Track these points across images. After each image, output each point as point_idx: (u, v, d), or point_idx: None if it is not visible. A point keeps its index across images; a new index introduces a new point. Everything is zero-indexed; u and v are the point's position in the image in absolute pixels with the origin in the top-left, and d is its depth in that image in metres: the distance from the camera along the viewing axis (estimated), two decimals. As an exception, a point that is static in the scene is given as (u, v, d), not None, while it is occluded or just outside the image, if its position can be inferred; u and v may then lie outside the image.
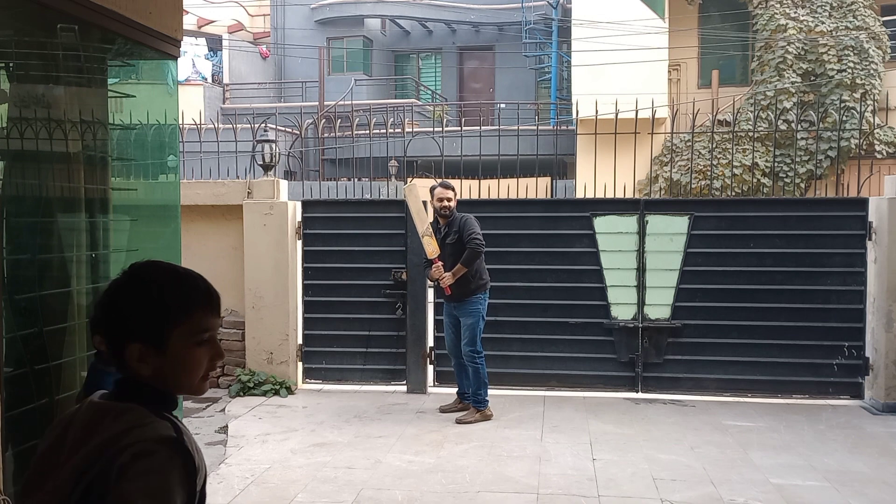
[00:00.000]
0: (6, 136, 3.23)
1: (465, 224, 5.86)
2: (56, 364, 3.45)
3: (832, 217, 6.62)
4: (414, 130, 11.06)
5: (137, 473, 1.24)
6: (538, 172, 7.78)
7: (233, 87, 21.15)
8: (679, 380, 6.74)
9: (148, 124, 4.19)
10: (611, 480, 4.64)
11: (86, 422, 1.35)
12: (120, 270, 1.42)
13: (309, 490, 4.50)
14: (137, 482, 1.23)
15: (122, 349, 1.36)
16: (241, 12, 22.78)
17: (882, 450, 5.27)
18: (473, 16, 21.18)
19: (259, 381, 6.82)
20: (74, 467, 1.30)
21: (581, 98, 11.26)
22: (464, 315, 5.97)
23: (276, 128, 10.80)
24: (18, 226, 3.30)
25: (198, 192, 6.98)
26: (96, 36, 3.68)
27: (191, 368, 1.39)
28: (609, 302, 6.78)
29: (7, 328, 3.01)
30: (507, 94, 20.66)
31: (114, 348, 1.38)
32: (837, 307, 6.55)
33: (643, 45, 14.05)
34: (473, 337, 5.94)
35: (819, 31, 14.50)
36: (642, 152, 8.12)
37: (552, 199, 9.08)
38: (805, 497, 4.38)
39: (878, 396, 6.27)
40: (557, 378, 6.83)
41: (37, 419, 3.33)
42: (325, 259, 7.12)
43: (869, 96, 14.10)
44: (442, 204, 5.90)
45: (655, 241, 6.72)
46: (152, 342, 1.35)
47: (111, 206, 3.89)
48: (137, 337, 1.35)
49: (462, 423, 5.84)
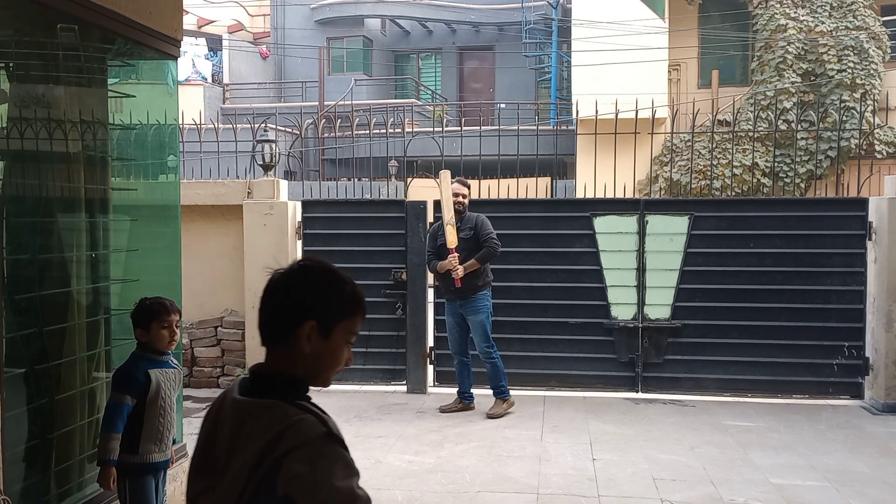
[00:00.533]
0: (6, 136, 3.23)
1: (482, 224, 6.02)
2: (56, 364, 3.45)
3: (832, 217, 6.62)
4: (414, 130, 11.06)
5: (319, 482, 1.34)
6: (538, 172, 7.78)
7: (233, 87, 21.15)
8: (679, 380, 6.74)
9: (148, 124, 4.19)
10: (611, 480, 4.64)
11: (233, 422, 1.44)
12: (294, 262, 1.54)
13: (309, 490, 4.50)
14: (323, 489, 1.34)
15: (295, 326, 1.45)
16: (241, 12, 22.77)
17: (882, 450, 5.26)
18: (473, 16, 21.17)
19: (259, 381, 6.80)
20: (239, 472, 1.38)
21: (581, 98, 11.26)
22: (472, 313, 6.03)
23: (276, 128, 10.80)
24: (18, 226, 3.30)
25: (198, 192, 6.98)
26: (96, 36, 3.68)
27: (337, 361, 1.53)
28: (609, 302, 6.78)
29: (7, 328, 3.01)
30: (507, 94, 20.66)
31: (280, 326, 1.47)
32: (837, 307, 6.55)
33: (643, 45, 14.04)
34: (485, 332, 6.04)
35: (819, 31, 14.49)
36: (642, 152, 8.11)
37: (552, 199, 9.08)
38: (805, 497, 4.38)
39: (878, 396, 6.27)
40: (557, 378, 6.83)
41: (37, 419, 3.33)
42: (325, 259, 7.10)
43: (869, 96, 14.09)
44: (457, 199, 6.04)
45: (655, 241, 6.72)
46: (322, 327, 1.47)
47: (111, 206, 3.89)
48: (314, 317, 1.46)
49: (494, 418, 5.96)
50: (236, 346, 7.07)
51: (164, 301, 3.11)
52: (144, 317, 3.05)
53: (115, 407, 2.97)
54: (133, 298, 3.43)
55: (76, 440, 3.55)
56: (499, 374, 6.07)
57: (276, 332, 1.50)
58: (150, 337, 3.05)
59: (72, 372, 3.53)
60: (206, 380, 7.15)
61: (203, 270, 6.97)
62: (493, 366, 6.05)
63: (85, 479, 3.59)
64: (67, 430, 3.49)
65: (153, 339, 3.05)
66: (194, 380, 7.13)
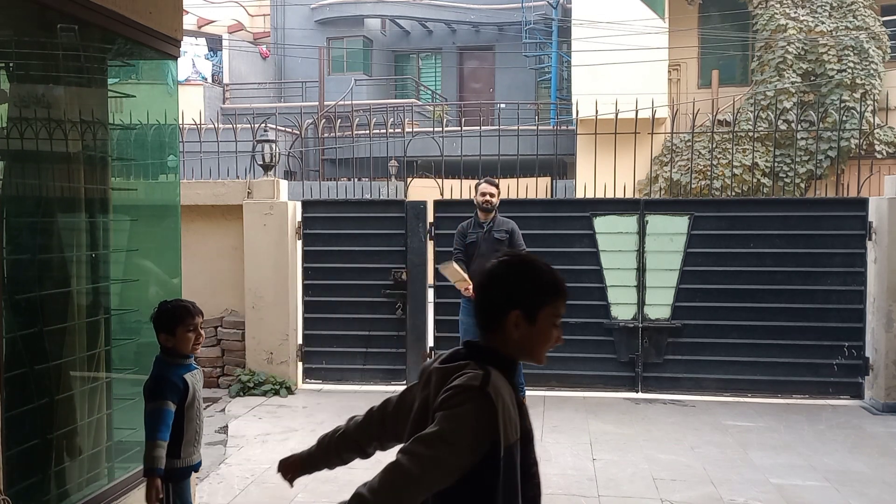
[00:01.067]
0: (6, 136, 3.23)
1: (517, 233, 6.10)
2: (56, 364, 3.45)
3: (832, 217, 6.62)
4: (414, 130, 11.07)
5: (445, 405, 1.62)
6: (538, 172, 7.78)
7: (233, 87, 21.15)
8: (679, 380, 6.74)
9: (148, 124, 4.18)
10: (611, 480, 4.63)
11: (437, 380, 1.73)
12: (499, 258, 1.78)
13: (309, 490, 4.50)
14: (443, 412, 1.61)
15: (503, 315, 1.69)
16: (241, 12, 22.77)
17: (882, 450, 5.27)
18: (473, 16, 21.17)
19: (259, 381, 6.81)
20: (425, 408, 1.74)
21: (581, 98, 11.26)
22: None
23: (276, 128, 10.80)
24: (18, 226, 3.30)
25: (198, 192, 6.98)
26: (96, 36, 3.67)
27: (545, 341, 1.74)
28: (609, 302, 6.78)
29: (7, 328, 3.01)
30: (507, 94, 20.66)
31: (491, 315, 1.72)
32: (837, 307, 6.55)
33: (643, 45, 14.04)
34: None
35: (819, 31, 14.49)
36: (642, 152, 8.11)
37: (552, 199, 9.08)
38: (805, 497, 4.38)
39: (878, 396, 6.27)
40: (557, 378, 6.83)
41: (37, 419, 3.33)
42: (325, 259, 7.11)
43: (869, 96, 14.09)
44: (485, 198, 6.04)
45: (655, 241, 6.72)
46: (527, 314, 1.69)
47: (111, 206, 3.88)
48: (519, 306, 1.69)
49: None
50: (236, 346, 7.07)
51: (187, 304, 3.08)
52: (169, 322, 3.02)
53: (159, 414, 2.92)
54: (133, 298, 3.43)
55: (76, 440, 3.55)
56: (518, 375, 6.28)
57: (487, 321, 1.74)
58: (174, 341, 3.03)
59: (72, 372, 3.53)
60: (205, 380, 7.14)
61: (203, 270, 6.97)
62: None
63: (85, 478, 3.59)
64: (67, 430, 3.49)
65: (178, 344, 3.03)
66: (194, 380, 7.12)
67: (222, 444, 5.47)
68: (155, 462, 2.89)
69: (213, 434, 5.75)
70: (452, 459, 1.59)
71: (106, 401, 3.78)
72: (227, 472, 4.84)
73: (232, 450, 5.29)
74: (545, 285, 1.73)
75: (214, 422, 6.09)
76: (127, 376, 4.09)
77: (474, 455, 1.59)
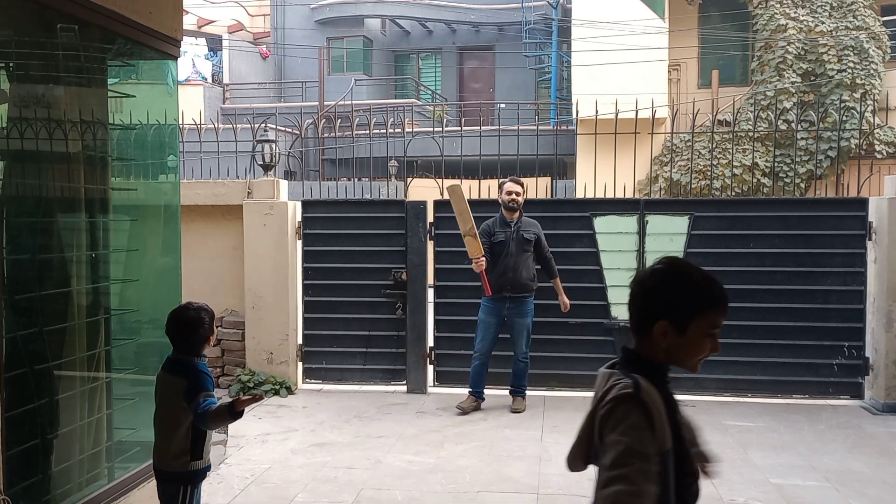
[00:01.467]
0: (6, 136, 3.23)
1: (542, 235, 6.23)
2: (56, 364, 3.45)
3: (832, 217, 6.61)
4: (414, 130, 11.07)
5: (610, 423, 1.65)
6: (538, 172, 7.78)
7: (233, 87, 21.15)
8: (679, 380, 6.69)
9: (148, 124, 4.19)
10: (611, 480, 4.63)
11: (598, 383, 1.80)
12: (654, 261, 1.78)
13: (309, 490, 4.50)
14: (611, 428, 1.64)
15: (651, 324, 1.71)
16: (241, 12, 22.77)
17: (882, 450, 5.27)
18: (473, 16, 21.18)
19: (259, 381, 6.81)
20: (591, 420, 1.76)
21: (581, 98, 11.26)
22: (521, 315, 6.17)
23: (276, 128, 10.80)
24: (18, 226, 3.30)
25: (198, 192, 6.98)
26: (96, 36, 3.67)
27: (696, 352, 1.73)
28: (609, 302, 6.78)
29: (7, 328, 3.01)
30: (507, 94, 20.66)
31: (640, 323, 1.75)
32: (837, 307, 6.54)
33: (643, 45, 14.05)
34: (530, 336, 6.26)
35: (819, 31, 14.49)
36: (642, 152, 8.11)
37: (552, 199, 9.07)
38: (805, 497, 4.38)
39: (878, 396, 6.27)
40: (557, 378, 6.82)
41: (37, 419, 3.33)
42: (325, 259, 7.11)
43: (869, 96, 14.10)
44: (510, 197, 6.09)
45: (655, 241, 6.72)
46: (676, 325, 1.69)
47: (111, 206, 3.89)
48: (667, 316, 1.70)
49: (519, 412, 6.18)
50: (236, 346, 7.07)
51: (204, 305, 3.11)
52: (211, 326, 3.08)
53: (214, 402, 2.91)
54: (133, 298, 3.43)
55: (76, 440, 3.55)
56: (527, 374, 6.34)
57: (638, 328, 1.76)
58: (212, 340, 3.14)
59: (72, 372, 3.53)
60: (206, 380, 7.14)
61: (203, 270, 6.97)
62: (527, 366, 6.29)
63: (85, 478, 3.59)
64: (67, 430, 3.49)
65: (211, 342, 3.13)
66: (194, 380, 7.12)
67: (222, 444, 5.46)
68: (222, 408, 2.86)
69: (212, 434, 5.75)
70: (651, 467, 1.60)
71: (106, 401, 3.78)
72: (227, 472, 4.84)
73: (232, 450, 5.29)
74: (698, 296, 1.71)
75: (214, 422, 6.09)
76: (127, 376, 4.10)
77: (657, 459, 1.61)
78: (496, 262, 6.09)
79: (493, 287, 6.10)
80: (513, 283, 6.09)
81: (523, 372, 6.31)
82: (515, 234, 6.11)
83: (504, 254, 6.10)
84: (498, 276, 6.11)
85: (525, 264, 6.12)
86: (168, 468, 3.00)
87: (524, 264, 6.12)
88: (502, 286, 6.11)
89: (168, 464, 2.99)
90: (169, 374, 3.03)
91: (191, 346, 3.04)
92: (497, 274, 6.11)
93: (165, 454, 2.99)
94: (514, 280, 6.09)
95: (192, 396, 2.91)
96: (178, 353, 3.06)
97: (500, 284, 6.11)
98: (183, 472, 2.98)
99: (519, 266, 6.09)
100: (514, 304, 6.14)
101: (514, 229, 6.12)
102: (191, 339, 3.03)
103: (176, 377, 2.98)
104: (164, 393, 3.03)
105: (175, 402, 2.95)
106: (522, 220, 6.17)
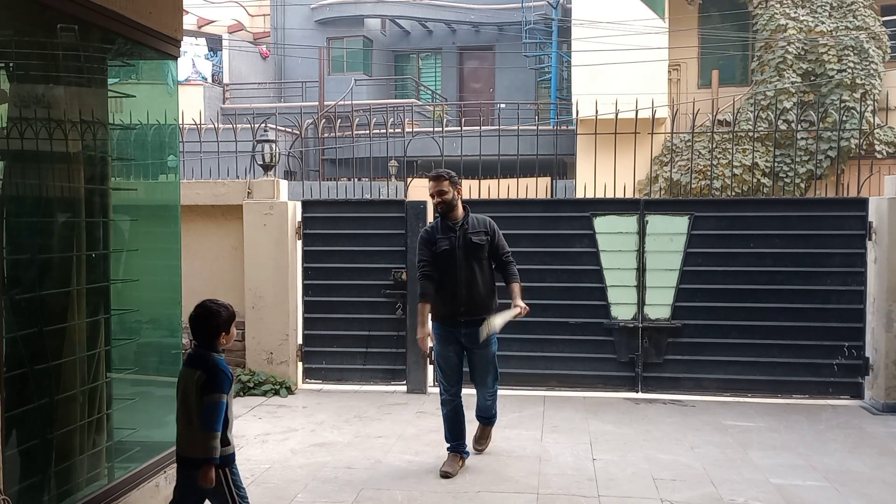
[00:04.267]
0: (6, 136, 3.23)
1: (499, 234, 4.91)
2: (56, 364, 3.45)
3: (832, 217, 6.61)
4: (414, 130, 11.06)
5: None
6: (538, 172, 7.78)
7: (233, 87, 21.15)
8: (679, 380, 6.74)
9: (148, 124, 4.19)
10: (611, 480, 4.63)
11: None
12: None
13: (309, 490, 4.50)
14: None
15: None
16: (241, 12, 22.77)
17: (882, 450, 5.27)
18: (473, 16, 21.17)
19: (259, 381, 6.81)
20: None
21: (581, 98, 11.26)
22: (484, 344, 4.74)
23: (276, 128, 10.80)
24: (18, 226, 3.30)
25: (198, 192, 6.98)
26: (96, 36, 3.68)
27: None
28: (609, 302, 6.78)
29: (7, 328, 3.01)
30: (507, 94, 20.65)
31: None
32: (837, 307, 6.54)
33: (643, 45, 14.04)
34: (497, 368, 4.94)
35: (819, 31, 14.49)
36: (642, 152, 8.12)
37: (552, 199, 9.07)
38: (805, 497, 4.38)
39: (878, 396, 6.27)
40: (557, 378, 6.83)
41: (37, 419, 3.33)
42: (325, 259, 7.11)
43: (869, 96, 14.09)
44: (435, 200, 4.79)
45: (655, 241, 6.72)
46: None
47: (111, 206, 3.88)
48: None
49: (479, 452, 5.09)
50: (236, 346, 7.07)
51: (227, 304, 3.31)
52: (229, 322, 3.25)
53: (217, 407, 3.10)
54: (133, 298, 3.44)
55: (76, 440, 3.55)
56: (495, 405, 5.06)
57: None
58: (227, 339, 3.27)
59: (72, 372, 3.53)
60: (206, 380, 7.14)
61: (203, 270, 6.97)
62: (495, 399, 5.01)
63: (85, 478, 3.59)
64: (67, 430, 3.49)
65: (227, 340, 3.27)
66: (194, 380, 7.12)
67: (222, 444, 5.46)
68: (213, 451, 3.07)
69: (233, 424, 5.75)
70: None
71: (106, 401, 3.78)
72: (227, 472, 4.83)
73: (232, 450, 5.28)
74: None
75: (214, 422, 6.09)
76: (127, 376, 4.10)
77: None
78: (443, 279, 4.74)
79: (443, 312, 4.77)
80: (467, 303, 4.72)
81: (493, 405, 5.02)
82: (462, 238, 4.75)
83: (451, 265, 4.74)
84: (448, 296, 4.74)
85: (480, 276, 4.77)
86: (194, 455, 3.13)
87: (480, 276, 4.77)
88: (454, 310, 4.74)
89: (194, 452, 3.13)
90: (188, 367, 3.21)
91: (205, 337, 3.21)
92: (447, 294, 4.74)
93: (191, 443, 3.14)
94: (468, 299, 4.72)
95: (209, 390, 3.10)
96: (198, 346, 3.24)
97: (452, 308, 4.74)
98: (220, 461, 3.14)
99: (473, 280, 4.74)
100: (470, 330, 4.71)
101: (460, 233, 4.76)
102: (205, 331, 3.21)
103: (196, 369, 3.16)
104: (184, 387, 3.19)
105: (193, 393, 3.12)
106: (469, 219, 4.81)
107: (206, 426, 3.07)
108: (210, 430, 3.07)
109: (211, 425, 3.07)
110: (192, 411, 3.12)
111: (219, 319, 3.22)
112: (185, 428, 3.17)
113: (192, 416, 3.12)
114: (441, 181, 4.75)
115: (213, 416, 3.07)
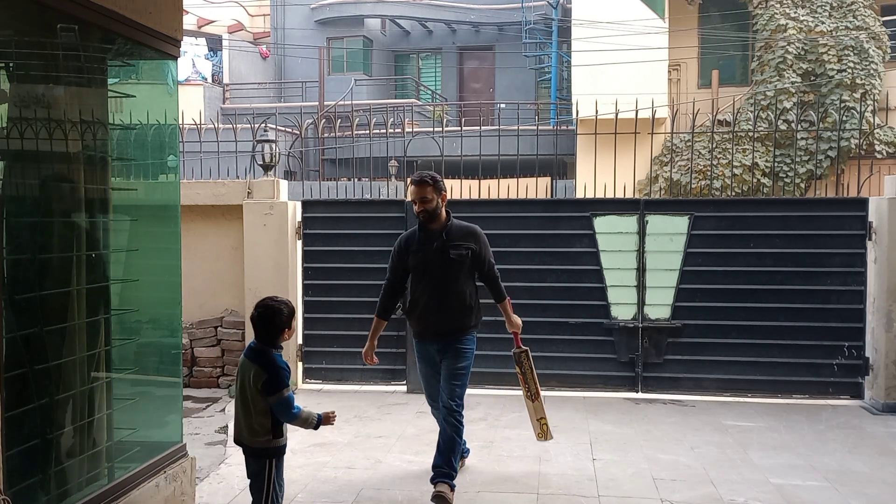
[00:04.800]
0: (6, 136, 3.23)
1: (485, 244, 4.47)
2: (56, 364, 3.45)
3: (832, 217, 6.62)
4: (414, 130, 11.06)
5: None
6: (538, 172, 7.78)
7: (233, 87, 21.15)
8: (679, 380, 6.74)
9: (148, 124, 4.18)
10: (611, 480, 4.64)
11: None
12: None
13: (309, 490, 4.50)
14: None
15: None
16: (241, 12, 22.77)
17: (882, 450, 5.27)
18: (473, 16, 21.17)
19: (259, 381, 6.81)
20: None
21: (581, 98, 11.26)
22: (454, 357, 4.34)
23: (276, 128, 10.80)
24: (18, 226, 3.30)
25: (198, 192, 6.98)
26: (96, 36, 3.67)
27: None
28: (609, 302, 6.78)
29: (7, 328, 3.01)
30: (507, 94, 20.65)
31: None
32: (837, 307, 6.54)
33: (643, 45, 14.05)
34: (464, 384, 4.37)
35: (819, 31, 14.49)
36: (642, 152, 8.12)
37: (552, 199, 9.08)
38: (805, 497, 4.38)
39: (878, 396, 6.27)
40: (557, 378, 6.82)
41: (37, 419, 3.33)
42: (325, 259, 7.11)
43: (869, 96, 14.10)
44: (416, 207, 4.33)
45: (655, 241, 6.72)
46: None
47: (111, 206, 3.88)
48: None
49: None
50: (236, 346, 7.07)
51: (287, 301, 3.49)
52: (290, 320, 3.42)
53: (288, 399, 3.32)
54: (133, 298, 3.44)
55: (76, 440, 3.55)
56: (455, 446, 4.25)
57: None
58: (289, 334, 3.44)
59: (72, 372, 3.53)
60: (206, 380, 7.15)
61: (203, 270, 6.97)
62: (456, 429, 4.25)
63: (85, 478, 3.59)
64: (67, 430, 3.49)
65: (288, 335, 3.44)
66: (194, 380, 7.13)
67: (222, 444, 5.47)
68: (311, 417, 3.37)
69: (213, 434, 5.75)
70: None
71: (106, 401, 3.78)
72: (227, 472, 4.84)
73: (232, 450, 5.28)
74: None
75: (214, 422, 6.10)
76: (127, 376, 4.10)
77: None
78: (416, 293, 4.41)
79: (416, 328, 4.50)
80: (436, 322, 4.33)
81: (451, 439, 4.23)
82: (439, 252, 4.29)
83: (423, 281, 4.36)
84: (419, 313, 4.40)
85: (455, 293, 4.31)
86: (252, 444, 3.37)
87: (455, 291, 4.31)
88: (425, 328, 4.41)
89: (252, 441, 3.36)
90: (249, 360, 3.38)
91: (268, 334, 3.38)
92: (419, 310, 4.39)
93: (250, 432, 3.35)
94: (437, 318, 4.32)
95: (273, 390, 3.29)
96: (259, 341, 3.40)
97: (424, 325, 4.40)
98: (266, 449, 3.37)
99: (447, 295, 4.31)
100: (445, 346, 4.36)
101: (438, 245, 4.30)
102: (269, 328, 3.37)
103: (254, 364, 3.34)
104: (243, 377, 3.36)
105: (253, 387, 3.31)
106: (452, 227, 4.35)
107: (286, 419, 3.34)
108: (291, 419, 3.33)
109: (289, 416, 3.32)
110: (251, 405, 3.32)
111: (282, 317, 3.38)
112: (244, 417, 3.36)
113: (250, 408, 3.32)
114: (424, 187, 4.27)
115: (287, 410, 3.31)
